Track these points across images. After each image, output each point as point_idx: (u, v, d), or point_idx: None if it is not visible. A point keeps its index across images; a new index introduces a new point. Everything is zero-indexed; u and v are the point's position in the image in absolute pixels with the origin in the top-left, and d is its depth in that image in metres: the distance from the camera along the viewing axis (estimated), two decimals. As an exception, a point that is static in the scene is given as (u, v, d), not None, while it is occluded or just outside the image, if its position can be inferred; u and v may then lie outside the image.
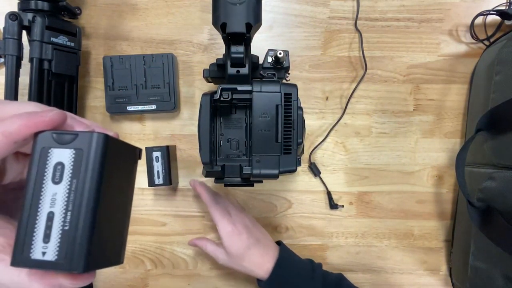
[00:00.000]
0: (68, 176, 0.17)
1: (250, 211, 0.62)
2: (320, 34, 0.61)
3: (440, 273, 0.63)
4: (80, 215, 0.17)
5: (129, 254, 0.62)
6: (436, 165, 0.62)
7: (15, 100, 0.51)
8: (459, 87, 0.61)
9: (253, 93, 0.36)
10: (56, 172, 0.17)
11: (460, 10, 0.61)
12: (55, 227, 0.17)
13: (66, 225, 0.17)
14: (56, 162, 0.17)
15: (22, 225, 0.17)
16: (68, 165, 0.17)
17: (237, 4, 0.33)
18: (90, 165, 0.17)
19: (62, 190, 0.17)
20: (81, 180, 0.17)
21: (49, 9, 0.53)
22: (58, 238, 0.17)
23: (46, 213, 0.17)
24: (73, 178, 0.17)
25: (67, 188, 0.17)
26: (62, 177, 0.17)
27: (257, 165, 0.36)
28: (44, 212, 0.17)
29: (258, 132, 0.36)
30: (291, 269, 0.48)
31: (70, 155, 0.17)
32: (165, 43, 0.61)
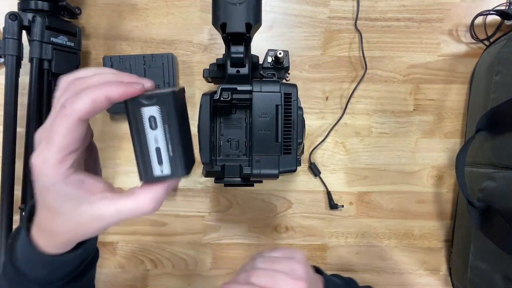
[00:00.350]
0: (160, 123, 0.26)
1: (250, 211, 0.62)
2: (320, 34, 0.61)
3: (440, 273, 0.63)
4: (176, 144, 0.26)
5: (129, 254, 0.62)
6: (436, 165, 0.62)
7: (14, 100, 0.51)
8: (459, 87, 0.61)
9: (253, 93, 0.36)
10: (151, 122, 0.26)
11: (460, 10, 0.61)
12: (163, 155, 0.27)
13: (170, 153, 0.27)
14: (149, 116, 0.26)
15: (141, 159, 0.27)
16: (158, 116, 0.26)
17: (237, 4, 0.33)
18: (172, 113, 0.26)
19: (159, 132, 0.26)
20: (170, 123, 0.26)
21: (49, 9, 0.53)
22: (167, 161, 0.27)
23: (155, 148, 0.26)
24: (163, 123, 0.26)
25: (162, 130, 0.26)
26: (156, 125, 0.26)
27: (257, 165, 0.36)
28: (153, 148, 0.26)
29: (258, 132, 0.36)
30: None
31: (157, 109, 0.26)
32: (165, 43, 0.61)
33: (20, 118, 0.52)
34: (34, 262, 0.29)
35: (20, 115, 0.52)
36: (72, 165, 0.25)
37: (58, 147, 0.24)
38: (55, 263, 0.29)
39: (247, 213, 0.63)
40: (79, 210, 0.26)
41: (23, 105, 0.53)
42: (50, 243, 0.28)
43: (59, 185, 0.25)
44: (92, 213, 0.26)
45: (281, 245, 0.63)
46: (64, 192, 0.25)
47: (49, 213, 0.26)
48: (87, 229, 0.26)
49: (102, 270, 0.62)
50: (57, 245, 0.28)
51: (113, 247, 0.62)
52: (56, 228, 0.26)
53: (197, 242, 0.63)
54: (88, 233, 0.27)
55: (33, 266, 0.29)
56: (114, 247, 0.62)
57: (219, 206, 0.62)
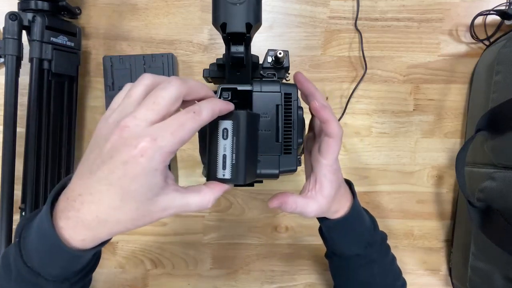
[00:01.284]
0: (231, 135, 0.31)
1: (250, 211, 0.62)
2: (320, 34, 0.61)
3: (440, 273, 0.63)
4: (240, 155, 0.31)
5: (129, 254, 0.62)
6: (436, 165, 0.62)
7: (14, 100, 0.51)
8: (459, 87, 0.61)
9: (253, 93, 0.36)
10: (224, 133, 0.31)
11: (460, 10, 0.61)
12: (228, 162, 0.31)
13: (233, 161, 0.31)
14: (223, 128, 0.31)
15: (211, 161, 0.32)
16: (230, 129, 0.31)
17: (237, 4, 0.33)
18: (242, 129, 0.31)
19: (228, 142, 0.31)
20: (238, 136, 0.31)
21: (49, 9, 0.53)
22: (230, 167, 0.31)
23: (222, 155, 0.31)
24: (233, 135, 0.31)
25: (231, 141, 0.31)
26: (227, 135, 0.31)
27: (257, 164, 0.36)
28: (221, 154, 0.31)
29: (258, 132, 0.36)
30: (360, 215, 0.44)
31: (230, 123, 0.31)
32: (165, 43, 0.61)
33: (20, 118, 0.52)
34: (55, 259, 0.28)
35: (20, 115, 0.52)
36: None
37: (180, 140, 0.26)
38: (78, 258, 0.29)
39: (247, 213, 0.63)
40: (155, 199, 0.27)
41: (23, 105, 0.53)
42: (86, 235, 0.27)
43: (157, 173, 0.26)
44: (166, 203, 0.27)
45: (281, 245, 0.63)
46: (156, 180, 0.26)
47: (117, 200, 0.26)
48: (151, 219, 0.28)
49: (102, 270, 0.62)
50: (94, 239, 0.28)
51: (113, 247, 0.62)
52: (115, 217, 0.26)
53: (197, 242, 0.63)
54: (147, 223, 0.28)
55: (53, 263, 0.29)
56: (114, 247, 0.62)
57: (219, 206, 0.62)
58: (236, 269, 0.63)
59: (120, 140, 0.25)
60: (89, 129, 0.62)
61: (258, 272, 0.63)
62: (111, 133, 0.26)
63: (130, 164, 0.25)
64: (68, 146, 0.58)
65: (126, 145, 0.25)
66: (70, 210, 0.26)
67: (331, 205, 0.40)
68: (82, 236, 0.27)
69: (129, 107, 0.27)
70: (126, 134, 0.25)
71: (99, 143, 0.27)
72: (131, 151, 0.25)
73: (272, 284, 0.63)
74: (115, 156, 0.25)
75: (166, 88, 0.27)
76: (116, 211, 0.26)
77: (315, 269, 0.63)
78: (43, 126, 0.54)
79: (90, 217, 0.26)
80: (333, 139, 0.36)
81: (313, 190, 0.38)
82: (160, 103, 0.26)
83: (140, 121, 0.25)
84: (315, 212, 0.38)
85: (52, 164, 0.55)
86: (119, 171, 0.25)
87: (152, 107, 0.26)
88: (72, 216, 0.26)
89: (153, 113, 0.26)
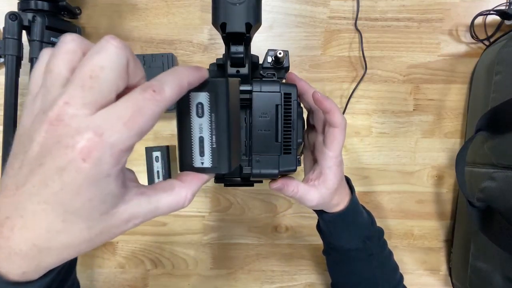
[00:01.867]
0: (208, 111, 0.24)
1: (250, 211, 0.62)
2: (320, 34, 0.61)
3: (440, 273, 0.63)
4: (221, 137, 0.25)
5: (129, 254, 0.62)
6: (436, 165, 0.62)
7: (14, 100, 0.51)
8: (459, 87, 0.61)
9: (253, 93, 0.36)
10: (198, 109, 0.24)
11: (460, 10, 0.61)
12: (206, 146, 0.25)
13: (214, 144, 0.25)
14: (197, 102, 0.24)
15: (183, 147, 0.25)
16: (206, 103, 0.24)
17: (237, 4, 0.33)
18: (222, 102, 0.24)
19: (205, 121, 0.24)
20: (217, 112, 0.24)
21: (49, 9, 0.53)
22: (210, 153, 0.25)
23: (198, 137, 0.25)
24: (211, 112, 0.24)
25: (208, 119, 0.24)
26: (203, 112, 0.24)
27: (257, 165, 0.36)
28: (196, 137, 0.25)
29: (258, 132, 0.36)
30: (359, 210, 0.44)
31: (206, 96, 0.24)
32: (165, 43, 0.61)
33: (20, 118, 0.52)
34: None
35: (20, 115, 0.52)
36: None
37: (138, 132, 0.19)
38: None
39: (247, 213, 0.63)
40: (113, 212, 0.21)
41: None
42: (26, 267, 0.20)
43: (110, 179, 0.19)
44: (129, 213, 0.22)
45: (281, 245, 0.63)
46: (109, 189, 0.20)
47: (57, 222, 0.19)
48: (111, 235, 0.22)
49: (102, 270, 0.62)
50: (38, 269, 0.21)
51: (113, 247, 0.62)
52: (60, 243, 0.20)
53: (197, 242, 0.63)
54: (107, 240, 0.22)
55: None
56: (114, 247, 0.62)
57: (219, 206, 0.62)
58: (236, 269, 0.63)
59: (51, 139, 0.18)
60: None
61: (258, 272, 0.63)
62: (37, 129, 0.19)
63: (68, 173, 0.18)
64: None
65: (60, 146, 0.18)
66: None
67: (333, 198, 0.40)
68: (20, 269, 0.20)
69: (55, 88, 0.20)
70: (59, 129, 0.18)
71: (23, 143, 0.20)
72: (68, 154, 0.18)
73: (272, 284, 0.63)
74: (46, 163, 0.18)
75: (103, 51, 0.19)
76: (58, 235, 0.20)
77: (315, 269, 0.63)
78: (43, 126, 0.54)
79: (25, 247, 0.20)
80: (338, 129, 0.36)
81: (316, 181, 0.39)
82: (101, 76, 0.19)
83: (76, 109, 0.18)
84: (316, 201, 0.38)
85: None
86: (55, 183, 0.18)
87: (90, 84, 0.18)
88: (2, 246, 0.20)
89: (93, 93, 0.18)
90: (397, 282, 0.47)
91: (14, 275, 0.20)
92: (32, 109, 0.20)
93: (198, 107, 0.25)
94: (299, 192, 0.38)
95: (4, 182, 0.20)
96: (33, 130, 0.19)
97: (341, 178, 0.40)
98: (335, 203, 0.41)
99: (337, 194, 0.40)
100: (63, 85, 0.19)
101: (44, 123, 0.18)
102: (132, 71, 0.21)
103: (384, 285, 0.46)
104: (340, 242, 0.44)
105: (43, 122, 0.18)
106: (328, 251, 0.48)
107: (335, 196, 0.40)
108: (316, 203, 0.39)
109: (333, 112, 0.36)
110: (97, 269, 0.62)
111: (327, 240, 0.47)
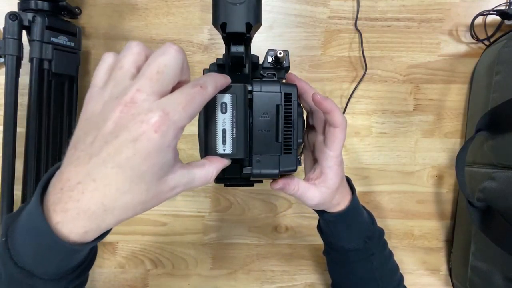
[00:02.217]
0: (230, 109, 0.31)
1: (250, 211, 0.62)
2: (320, 34, 0.61)
3: (440, 273, 0.63)
4: (239, 129, 0.32)
5: (129, 254, 0.62)
6: (436, 165, 0.62)
7: (14, 100, 0.52)
8: (459, 87, 0.61)
9: (253, 93, 0.36)
10: (222, 107, 0.31)
11: (460, 10, 0.61)
12: (228, 136, 0.32)
13: (234, 135, 0.32)
14: (222, 102, 0.31)
15: (208, 137, 0.32)
16: (229, 103, 0.31)
17: (237, 4, 0.33)
18: (240, 102, 0.32)
19: (228, 116, 0.31)
20: (237, 110, 0.32)
21: (49, 9, 0.53)
22: (230, 142, 0.32)
23: (221, 130, 0.32)
24: (233, 109, 0.31)
25: (230, 115, 0.32)
26: (226, 109, 0.31)
27: (257, 165, 0.36)
28: (220, 129, 0.31)
29: (258, 132, 0.36)
30: (359, 210, 0.44)
31: (229, 97, 0.31)
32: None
33: (20, 118, 0.52)
34: (50, 256, 0.26)
35: (20, 115, 0.52)
36: None
37: (190, 115, 0.25)
38: (76, 253, 0.26)
39: (247, 213, 0.63)
40: (165, 179, 0.26)
41: (23, 105, 0.53)
42: (89, 227, 0.24)
43: (169, 149, 0.24)
44: (175, 182, 0.26)
45: (281, 245, 0.63)
46: (168, 158, 0.25)
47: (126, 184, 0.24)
48: (159, 200, 0.26)
49: (102, 270, 0.62)
50: (98, 229, 0.25)
51: (113, 247, 0.62)
52: (123, 203, 0.24)
53: (197, 242, 0.63)
54: (155, 205, 0.26)
55: (48, 261, 0.26)
56: (114, 247, 0.62)
57: (219, 206, 0.63)
58: (236, 269, 0.63)
59: (126, 117, 0.23)
60: (89, 129, 0.62)
61: (258, 272, 0.63)
62: (112, 110, 0.23)
63: (141, 142, 0.23)
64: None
65: (135, 121, 0.23)
66: (68, 201, 0.24)
67: (334, 197, 0.40)
68: (84, 229, 0.24)
69: (125, 80, 0.25)
70: (133, 109, 0.23)
71: (96, 123, 0.24)
72: (142, 127, 0.23)
73: (272, 284, 0.63)
74: (121, 135, 0.23)
75: (167, 54, 0.25)
76: (124, 195, 0.24)
77: (315, 269, 0.63)
78: (43, 126, 0.54)
79: (94, 206, 0.24)
80: (338, 129, 0.37)
81: (317, 180, 0.39)
82: (165, 72, 0.24)
83: (147, 95, 0.24)
84: (317, 200, 0.39)
85: (52, 164, 0.55)
86: (128, 150, 0.23)
87: (157, 77, 0.24)
88: (71, 208, 0.24)
89: (159, 84, 0.24)
90: (398, 283, 0.47)
91: (75, 235, 0.24)
92: (102, 96, 0.25)
93: (223, 106, 0.32)
94: (300, 190, 0.38)
95: (73, 156, 0.24)
96: (107, 112, 0.24)
97: (341, 177, 0.40)
98: (336, 202, 0.41)
99: (338, 193, 0.41)
100: (131, 78, 0.25)
101: (118, 105, 0.23)
102: (185, 70, 0.27)
103: (385, 285, 0.46)
104: (340, 242, 0.44)
105: (118, 104, 0.23)
106: (328, 252, 0.48)
107: (335, 196, 0.40)
108: (316, 201, 0.39)
109: (333, 112, 0.36)
110: (97, 269, 0.62)
111: (327, 240, 0.47)
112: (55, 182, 0.25)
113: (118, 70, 0.25)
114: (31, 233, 0.25)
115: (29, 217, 0.25)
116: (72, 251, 0.26)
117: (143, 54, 0.26)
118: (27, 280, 0.26)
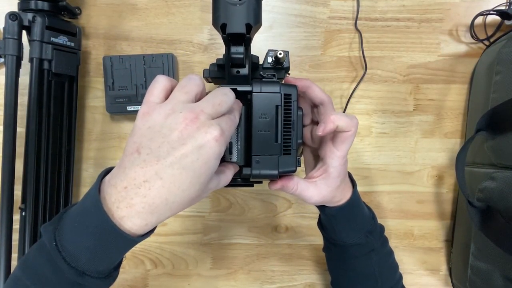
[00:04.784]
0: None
1: (250, 211, 0.63)
2: (320, 34, 0.61)
3: (440, 273, 0.63)
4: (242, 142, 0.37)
5: (129, 254, 0.62)
6: (436, 165, 0.62)
7: (14, 100, 0.51)
8: (459, 87, 0.61)
9: (253, 93, 0.36)
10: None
11: (460, 10, 0.61)
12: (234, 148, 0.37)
13: (239, 147, 0.37)
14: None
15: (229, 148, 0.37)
16: None
17: (237, 4, 0.33)
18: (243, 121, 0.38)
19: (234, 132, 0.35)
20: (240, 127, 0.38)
21: (49, 9, 0.53)
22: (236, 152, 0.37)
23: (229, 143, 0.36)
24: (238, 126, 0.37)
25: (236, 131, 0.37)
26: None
27: (257, 165, 0.36)
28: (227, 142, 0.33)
29: (258, 133, 0.36)
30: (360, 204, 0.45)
31: None
32: (165, 43, 0.61)
33: (20, 118, 0.52)
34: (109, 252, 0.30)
35: (20, 115, 0.52)
36: None
37: (229, 135, 0.31)
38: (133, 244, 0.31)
39: (247, 213, 0.63)
40: (210, 181, 0.31)
41: (23, 105, 0.53)
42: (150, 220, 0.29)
43: (219, 157, 0.30)
44: (213, 183, 0.32)
45: (281, 245, 0.63)
46: (217, 164, 0.30)
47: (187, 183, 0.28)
48: (200, 198, 0.32)
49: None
50: (156, 222, 0.30)
51: (113, 247, 0.62)
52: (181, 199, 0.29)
53: (197, 242, 0.63)
54: (195, 202, 0.31)
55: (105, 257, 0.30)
56: (114, 247, 0.62)
57: (219, 206, 0.63)
58: (236, 269, 0.63)
59: (192, 129, 0.28)
60: (89, 129, 0.62)
61: (258, 272, 0.63)
62: (178, 123, 0.28)
63: (205, 149, 0.28)
64: (68, 146, 0.58)
65: (200, 132, 0.28)
66: (134, 197, 0.28)
67: (335, 195, 0.41)
68: (145, 221, 0.29)
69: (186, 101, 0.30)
70: (197, 123, 0.28)
71: (159, 132, 0.29)
72: (206, 137, 0.28)
73: (272, 284, 0.63)
74: (188, 142, 0.28)
75: (228, 96, 0.32)
76: (183, 192, 0.28)
77: (315, 269, 0.63)
78: (43, 126, 0.54)
79: (159, 201, 0.28)
80: (351, 132, 0.38)
81: (319, 178, 0.40)
82: (223, 106, 0.31)
83: (208, 115, 0.29)
84: (315, 198, 0.40)
85: (52, 164, 0.55)
86: (193, 155, 0.28)
87: (217, 108, 0.30)
88: (137, 203, 0.28)
89: (216, 111, 0.30)
90: (396, 281, 0.48)
91: (137, 228, 0.29)
92: (163, 110, 0.29)
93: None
94: (298, 189, 0.39)
95: (141, 158, 0.28)
96: (172, 123, 0.29)
97: (344, 176, 0.41)
98: (337, 199, 0.42)
99: (339, 190, 0.41)
100: (191, 102, 0.30)
101: (185, 119, 0.28)
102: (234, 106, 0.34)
103: (383, 282, 0.46)
104: (341, 237, 0.44)
105: (184, 118, 0.28)
106: (328, 248, 0.48)
107: (337, 193, 0.41)
108: (315, 200, 0.40)
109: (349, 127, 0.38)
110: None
111: (328, 236, 0.47)
112: (116, 182, 0.29)
113: (184, 94, 0.30)
114: (90, 233, 0.29)
115: (87, 218, 0.29)
116: (131, 243, 0.30)
117: (201, 87, 0.32)
118: (78, 280, 0.29)
